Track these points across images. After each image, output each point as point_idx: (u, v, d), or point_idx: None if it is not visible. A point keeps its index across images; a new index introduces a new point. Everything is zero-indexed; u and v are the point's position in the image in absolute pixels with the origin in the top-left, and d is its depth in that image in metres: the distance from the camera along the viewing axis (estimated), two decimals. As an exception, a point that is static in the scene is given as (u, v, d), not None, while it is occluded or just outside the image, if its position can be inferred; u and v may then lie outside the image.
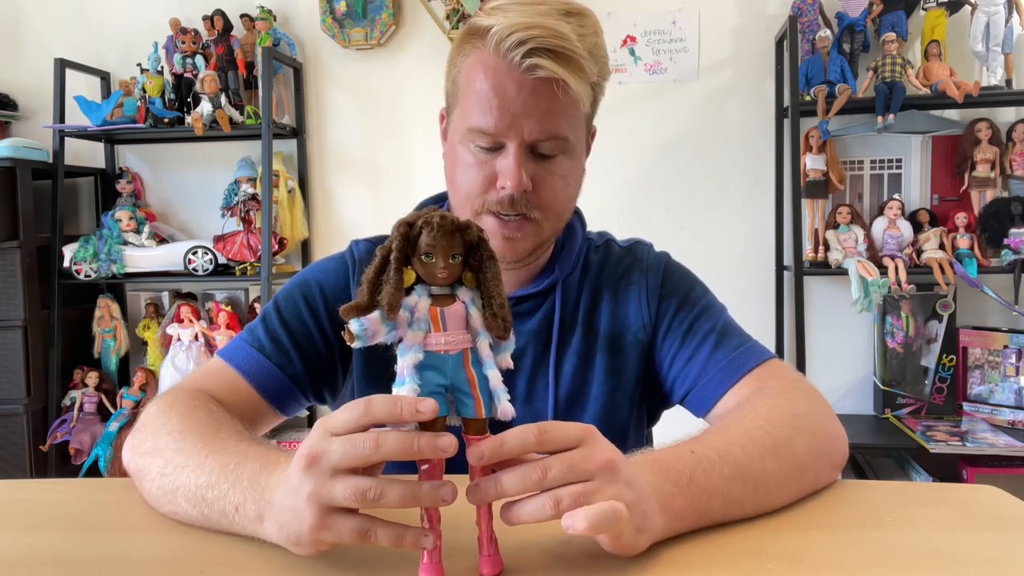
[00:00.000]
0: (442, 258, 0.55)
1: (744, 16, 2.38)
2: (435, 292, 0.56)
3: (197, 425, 0.74)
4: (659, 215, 2.46)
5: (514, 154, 0.83)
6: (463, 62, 0.86)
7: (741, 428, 0.73)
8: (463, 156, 0.87)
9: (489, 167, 0.85)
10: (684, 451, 0.67)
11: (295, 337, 0.91)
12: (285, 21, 2.57)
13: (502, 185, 0.84)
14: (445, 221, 0.54)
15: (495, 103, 0.82)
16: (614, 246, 1.01)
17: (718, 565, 0.59)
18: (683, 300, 0.94)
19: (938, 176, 2.31)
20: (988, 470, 2.03)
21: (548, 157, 0.85)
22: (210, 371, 0.90)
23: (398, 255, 0.54)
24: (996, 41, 2.13)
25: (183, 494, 0.67)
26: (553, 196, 0.87)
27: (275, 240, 2.38)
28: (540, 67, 0.80)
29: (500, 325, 0.56)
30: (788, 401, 0.79)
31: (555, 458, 0.55)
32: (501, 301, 0.56)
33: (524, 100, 0.81)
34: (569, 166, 0.88)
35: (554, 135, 0.84)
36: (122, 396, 2.51)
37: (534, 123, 0.82)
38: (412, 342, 0.54)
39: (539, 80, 0.81)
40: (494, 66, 0.82)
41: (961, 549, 0.62)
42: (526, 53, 0.79)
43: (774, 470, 0.70)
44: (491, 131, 0.83)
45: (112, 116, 2.45)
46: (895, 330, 2.27)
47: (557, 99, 0.82)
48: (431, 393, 0.54)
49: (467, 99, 0.85)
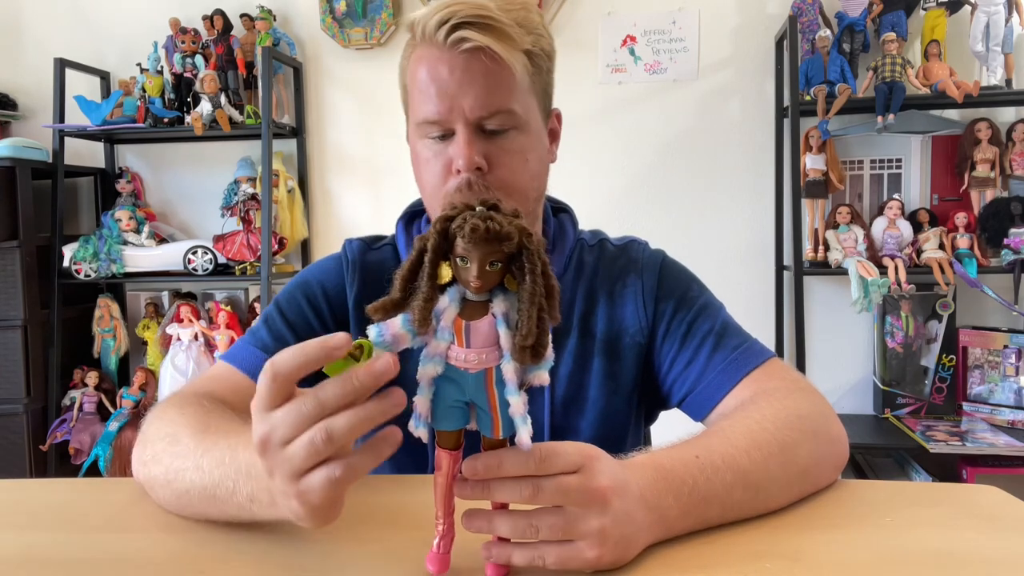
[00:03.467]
0: (477, 266, 0.49)
1: (744, 16, 2.38)
2: (469, 297, 0.51)
3: (188, 425, 0.72)
4: (659, 215, 2.45)
5: (462, 133, 0.83)
6: (407, 63, 0.88)
7: (746, 431, 0.72)
8: (421, 153, 0.87)
9: (444, 156, 0.85)
10: (688, 455, 0.66)
11: (299, 336, 0.90)
12: (285, 21, 2.57)
13: (456, 168, 0.83)
14: (477, 228, 0.48)
15: (433, 89, 0.83)
16: (608, 245, 0.99)
17: (718, 565, 0.59)
18: (680, 300, 0.93)
19: (938, 176, 2.31)
20: (988, 470, 2.03)
21: (498, 133, 0.85)
22: (214, 375, 0.89)
23: (432, 256, 0.49)
24: (996, 41, 2.13)
25: (193, 496, 0.66)
26: (511, 173, 0.85)
27: (275, 240, 2.38)
28: (465, 39, 0.80)
29: (527, 354, 0.50)
30: (792, 402, 0.79)
31: (551, 482, 0.54)
32: (532, 325, 0.49)
33: (459, 79, 0.82)
34: (524, 142, 0.87)
35: (497, 109, 0.83)
36: (122, 396, 2.50)
37: (472, 99, 0.82)
38: (433, 352, 0.51)
39: (468, 53, 0.81)
40: (426, 54, 0.84)
41: (961, 549, 0.62)
42: (449, 29, 0.80)
43: (777, 474, 0.70)
44: (435, 118, 0.84)
45: (112, 116, 2.45)
46: (895, 330, 2.27)
47: (490, 70, 0.82)
48: (449, 407, 0.52)
49: (413, 96, 0.87)
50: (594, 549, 0.55)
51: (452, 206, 0.50)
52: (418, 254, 0.50)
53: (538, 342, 0.50)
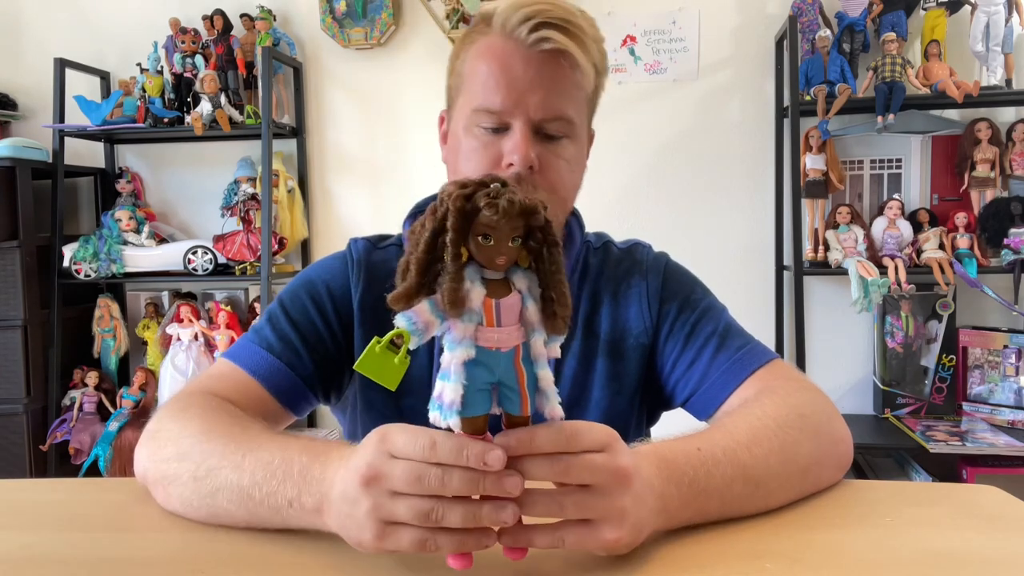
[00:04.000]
0: (503, 243, 0.48)
1: (744, 16, 2.38)
2: (488, 276, 0.49)
3: (221, 424, 0.72)
4: (659, 215, 2.45)
5: (520, 130, 0.83)
6: (467, 51, 0.87)
7: (748, 427, 0.72)
8: (467, 142, 0.86)
9: (495, 148, 0.84)
10: (691, 448, 0.66)
11: (304, 336, 0.89)
12: (285, 21, 2.57)
13: (508, 162, 0.83)
14: (513, 202, 0.47)
15: (503, 80, 0.83)
16: (613, 248, 1.00)
17: (718, 565, 0.59)
18: (684, 302, 0.93)
19: (938, 176, 2.31)
20: (988, 470, 2.03)
21: (554, 139, 0.86)
22: (218, 374, 0.87)
23: (455, 236, 0.47)
24: (996, 41, 2.13)
25: (225, 495, 0.65)
26: (559, 178, 0.86)
27: (275, 240, 2.38)
28: (548, 39, 0.81)
29: (561, 325, 0.51)
30: (795, 401, 0.79)
31: (579, 459, 0.54)
32: (562, 297, 0.50)
33: (531, 76, 0.82)
34: (573, 152, 0.88)
35: (560, 115, 0.84)
36: (122, 396, 2.50)
37: (540, 100, 0.83)
38: (462, 335, 0.49)
39: (546, 54, 0.82)
40: (500, 45, 0.83)
41: (961, 549, 0.62)
42: (534, 27, 0.81)
43: (777, 471, 0.70)
44: (497, 109, 0.83)
45: (112, 116, 2.45)
46: (895, 330, 2.27)
47: (564, 74, 0.83)
48: (477, 391, 0.51)
49: (472, 83, 0.86)
50: (614, 531, 0.55)
51: (461, 185, 0.49)
52: (433, 235, 0.48)
53: (565, 316, 0.50)
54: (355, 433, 0.96)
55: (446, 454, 0.51)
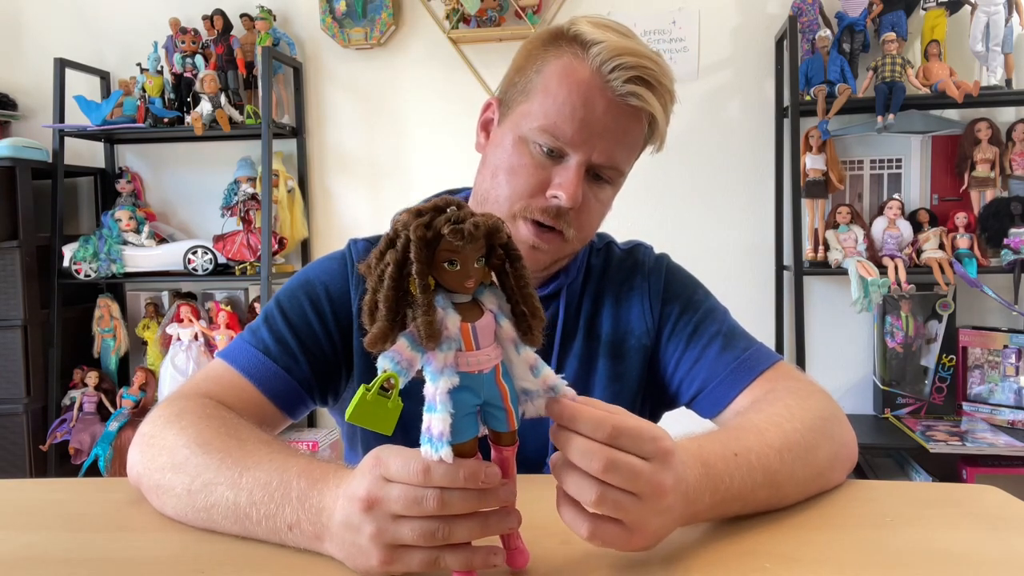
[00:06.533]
0: (470, 265, 0.48)
1: (744, 16, 2.38)
2: (457, 300, 0.50)
3: (217, 437, 0.70)
4: (659, 214, 2.45)
5: (575, 168, 0.83)
6: (551, 60, 0.85)
7: (780, 432, 0.72)
8: (519, 155, 0.85)
9: (544, 173, 0.84)
10: (728, 452, 0.66)
11: (301, 339, 0.87)
12: (285, 21, 2.57)
13: (554, 195, 0.83)
14: (478, 225, 0.47)
15: (580, 114, 0.82)
16: (614, 249, 1.00)
17: (718, 565, 0.59)
18: (687, 303, 0.94)
19: (938, 176, 2.31)
20: (988, 470, 2.03)
21: (599, 181, 0.87)
22: (213, 375, 0.85)
23: (420, 267, 0.47)
24: (996, 41, 2.13)
25: (220, 512, 0.65)
26: (590, 219, 0.88)
27: (275, 240, 2.38)
28: (637, 96, 0.81)
29: (538, 338, 0.51)
30: (814, 403, 0.80)
31: (625, 462, 0.53)
32: (534, 310, 0.51)
33: (607, 122, 0.82)
34: (609, 196, 0.90)
35: (616, 165, 0.86)
36: (122, 396, 2.50)
37: (606, 147, 0.83)
38: (443, 364, 0.48)
39: (629, 108, 0.82)
40: (588, 79, 0.82)
41: (961, 549, 0.62)
42: (629, 79, 0.81)
43: (799, 475, 0.71)
44: (564, 139, 0.83)
45: (112, 116, 2.45)
46: (895, 330, 2.27)
47: (637, 130, 0.85)
48: (465, 416, 0.50)
49: (546, 100, 0.84)
50: (639, 541, 0.56)
51: (415, 212, 0.48)
52: (397, 268, 0.47)
53: (538, 328, 0.51)
54: (353, 435, 0.96)
55: (440, 478, 0.51)
